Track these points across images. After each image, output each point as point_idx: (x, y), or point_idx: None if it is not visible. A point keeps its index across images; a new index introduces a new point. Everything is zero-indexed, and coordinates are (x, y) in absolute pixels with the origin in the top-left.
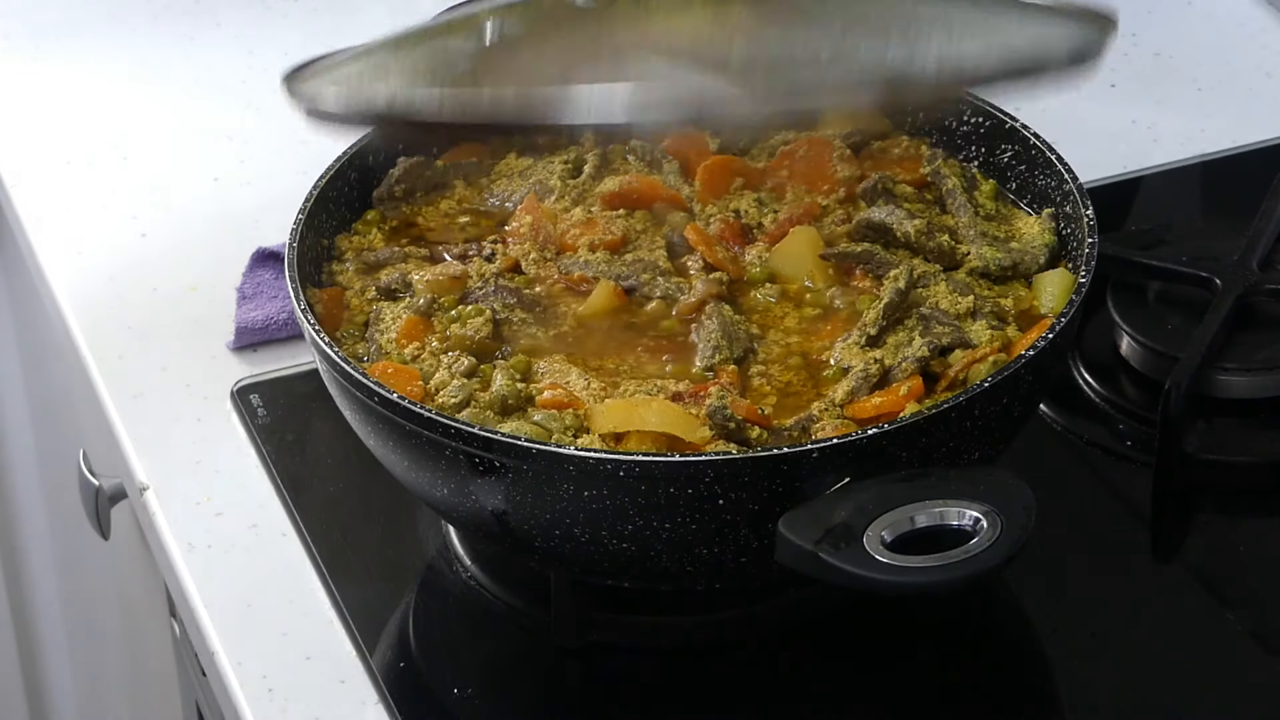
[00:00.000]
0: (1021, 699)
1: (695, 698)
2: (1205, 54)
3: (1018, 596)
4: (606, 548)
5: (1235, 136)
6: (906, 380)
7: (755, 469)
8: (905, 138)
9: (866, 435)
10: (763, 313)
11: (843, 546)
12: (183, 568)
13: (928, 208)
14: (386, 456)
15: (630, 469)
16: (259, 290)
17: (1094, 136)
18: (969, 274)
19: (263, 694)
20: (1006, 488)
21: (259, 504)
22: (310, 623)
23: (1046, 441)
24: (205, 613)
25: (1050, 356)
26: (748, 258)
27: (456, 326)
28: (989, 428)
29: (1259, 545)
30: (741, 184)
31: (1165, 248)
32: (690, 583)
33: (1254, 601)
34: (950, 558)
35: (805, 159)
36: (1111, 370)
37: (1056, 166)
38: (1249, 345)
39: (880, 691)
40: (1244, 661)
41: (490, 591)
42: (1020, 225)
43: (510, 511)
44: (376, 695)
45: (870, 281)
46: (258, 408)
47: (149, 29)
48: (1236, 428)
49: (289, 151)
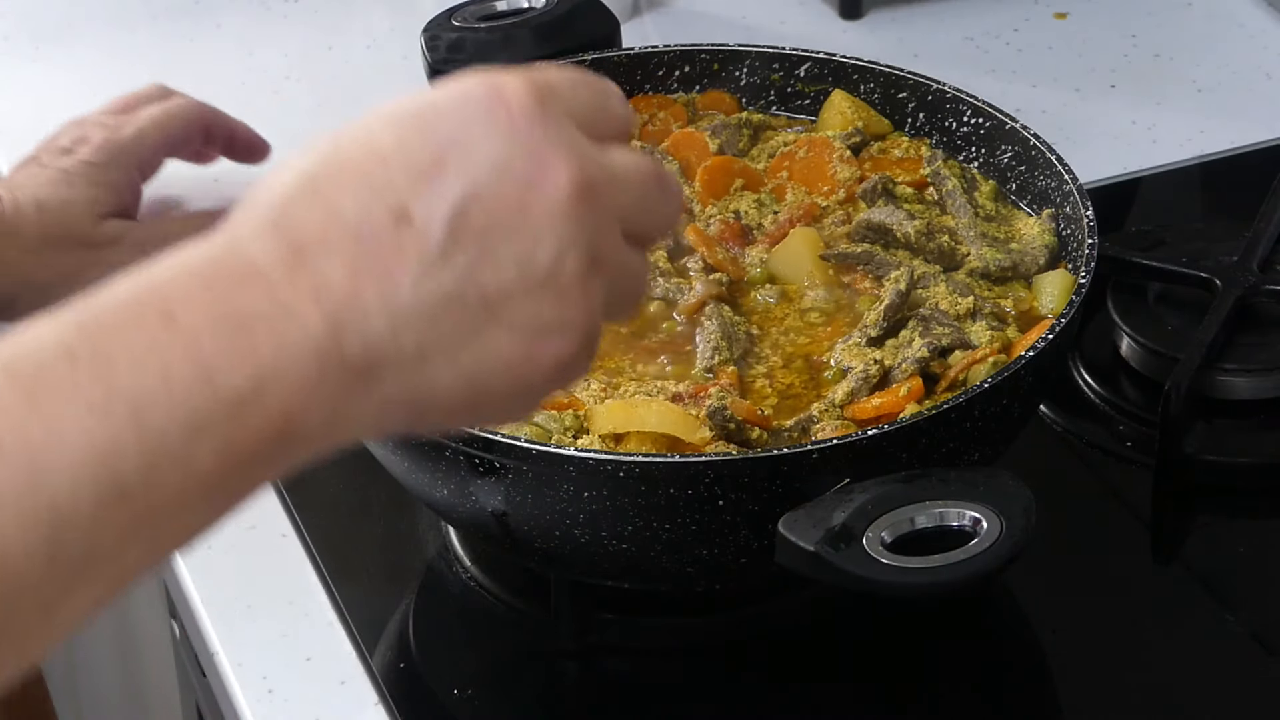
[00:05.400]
0: (1021, 699)
1: (695, 698)
2: (1205, 54)
3: (1018, 597)
4: (606, 549)
5: (1235, 136)
6: (906, 381)
7: (755, 470)
8: (905, 138)
9: (866, 436)
10: (762, 314)
11: (842, 547)
12: (183, 568)
13: (928, 208)
14: (386, 457)
15: (630, 470)
16: None
17: (1094, 137)
18: (969, 275)
19: (263, 695)
20: (1006, 489)
21: (259, 504)
22: (310, 623)
23: (1046, 442)
24: (205, 613)
25: (1050, 357)
26: (748, 259)
27: None
28: (989, 428)
29: (1259, 546)
30: (741, 185)
31: (1165, 248)
32: (690, 584)
33: (1254, 602)
34: (950, 559)
35: (805, 160)
36: (1111, 371)
37: (1056, 167)
38: (1249, 346)
39: (881, 692)
40: (1244, 661)
41: (490, 592)
42: (1020, 226)
43: (510, 512)
44: (376, 696)
45: (870, 282)
46: None
47: (149, 29)
48: (1236, 428)
49: (289, 152)
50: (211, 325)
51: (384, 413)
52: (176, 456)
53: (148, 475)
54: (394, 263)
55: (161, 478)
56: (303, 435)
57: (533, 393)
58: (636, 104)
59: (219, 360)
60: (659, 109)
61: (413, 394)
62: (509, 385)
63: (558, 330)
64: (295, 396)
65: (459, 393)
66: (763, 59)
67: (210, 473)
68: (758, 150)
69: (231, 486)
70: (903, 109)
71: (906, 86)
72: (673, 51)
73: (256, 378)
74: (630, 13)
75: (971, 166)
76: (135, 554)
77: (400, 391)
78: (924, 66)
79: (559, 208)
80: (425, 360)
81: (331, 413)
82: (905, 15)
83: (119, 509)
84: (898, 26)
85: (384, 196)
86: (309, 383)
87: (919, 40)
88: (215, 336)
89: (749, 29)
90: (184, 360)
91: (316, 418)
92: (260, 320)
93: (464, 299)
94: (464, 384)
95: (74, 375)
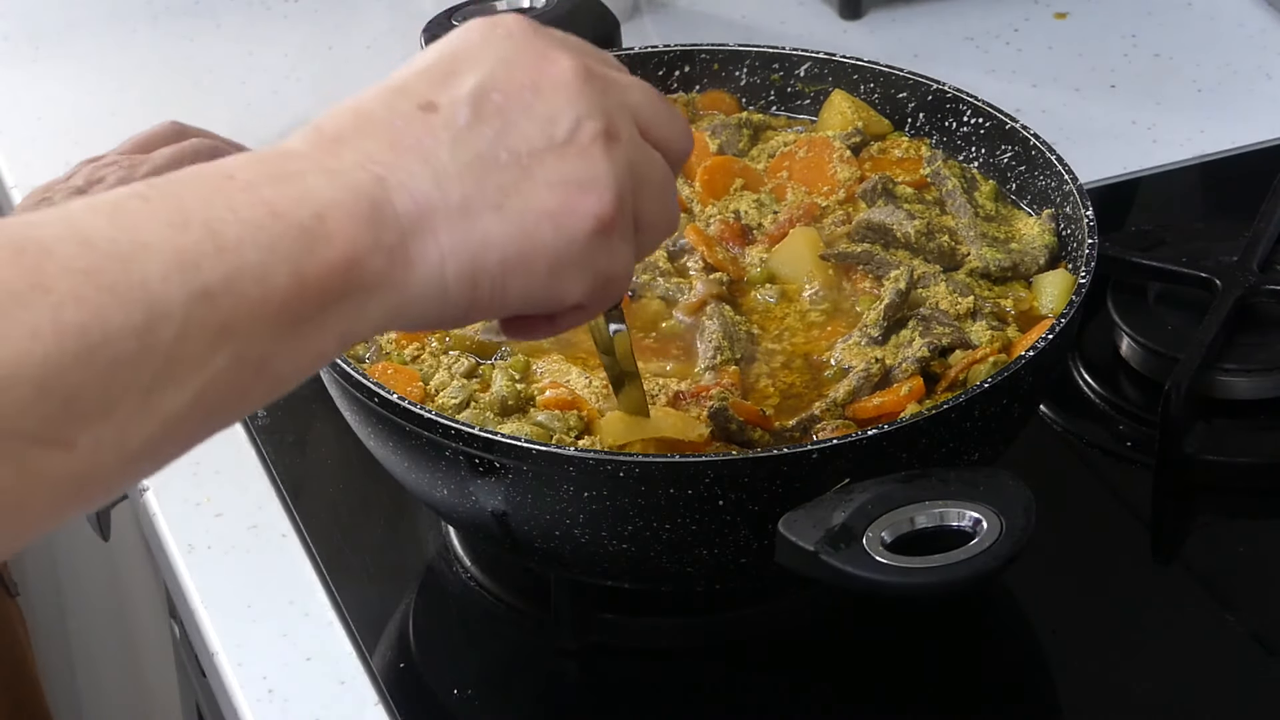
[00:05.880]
0: (1021, 699)
1: (695, 698)
2: (1205, 54)
3: (1018, 597)
4: (606, 549)
5: (1235, 137)
6: (907, 381)
7: (755, 470)
8: (905, 138)
9: (866, 436)
10: (763, 313)
11: (843, 547)
12: (183, 568)
13: (928, 208)
14: (386, 457)
15: (630, 470)
16: None
17: (1094, 137)
18: (969, 275)
19: (263, 695)
20: (1006, 489)
21: (259, 505)
22: (310, 623)
23: (1046, 442)
24: (205, 613)
25: (1050, 357)
26: (748, 259)
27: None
28: (989, 428)
29: (1259, 546)
30: (741, 185)
31: (1165, 248)
32: (690, 584)
33: (1254, 602)
34: (950, 559)
35: (805, 160)
36: (1111, 371)
37: (1056, 167)
38: (1249, 346)
39: (881, 692)
40: (1244, 662)
41: (490, 592)
42: (1020, 226)
43: (510, 512)
44: (376, 696)
45: (870, 282)
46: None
47: (149, 29)
48: (1236, 428)
49: None
50: (268, 180)
51: (443, 266)
52: (254, 271)
53: (230, 284)
54: (428, 138)
55: (243, 289)
56: (370, 281)
57: (580, 248)
58: None
59: (279, 200)
60: None
61: (466, 244)
62: (555, 236)
63: (590, 184)
64: (356, 236)
65: (511, 242)
66: (763, 59)
67: (287, 296)
68: (758, 150)
69: (308, 320)
70: (903, 109)
71: (906, 86)
72: (673, 51)
73: (316, 214)
74: (630, 13)
75: (971, 166)
76: (221, 365)
77: (454, 242)
78: (924, 66)
79: (568, 85)
80: (472, 213)
81: (392, 260)
82: (905, 15)
83: (206, 309)
84: (898, 26)
85: (408, 97)
86: (367, 223)
87: (919, 40)
88: (273, 186)
89: (749, 29)
90: (246, 200)
91: (379, 262)
92: (312, 176)
93: (497, 159)
94: (514, 233)
95: (149, 207)
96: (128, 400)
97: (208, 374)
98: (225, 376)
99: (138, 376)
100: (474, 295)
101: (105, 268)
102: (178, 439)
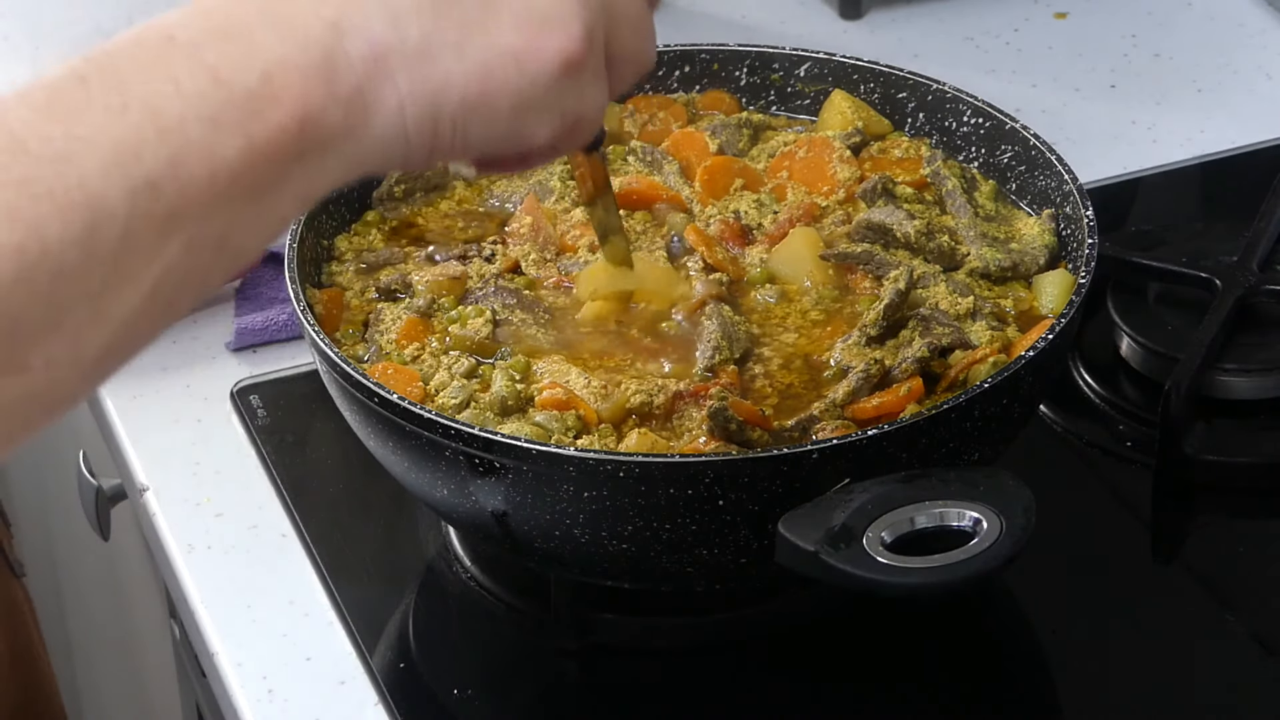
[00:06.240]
0: (1021, 699)
1: (695, 698)
2: (1205, 54)
3: (1018, 597)
4: (606, 549)
5: (1235, 137)
6: (907, 381)
7: (755, 470)
8: (905, 138)
9: (866, 436)
10: (763, 313)
11: (843, 547)
12: (183, 568)
13: (928, 208)
14: (386, 457)
15: (630, 470)
16: (259, 291)
17: (1094, 137)
18: (969, 275)
19: (263, 695)
20: (1006, 489)
21: (259, 505)
22: (310, 623)
23: (1046, 442)
24: (205, 613)
25: (1050, 357)
26: (748, 259)
27: (456, 327)
28: (989, 428)
29: (1259, 546)
30: (741, 185)
31: (1165, 248)
32: (690, 584)
33: (1254, 602)
34: (950, 559)
35: (805, 160)
36: (1111, 371)
37: (1056, 167)
38: (1249, 346)
39: (881, 692)
40: (1244, 662)
41: (490, 592)
42: (1020, 226)
43: (510, 512)
44: (376, 696)
45: (870, 282)
46: (257, 409)
47: None
48: (1236, 429)
49: None
50: (210, 37)
51: (403, 111)
52: (199, 150)
53: (174, 169)
54: None
55: (189, 172)
56: (325, 136)
57: (543, 89)
58: (636, 104)
59: (223, 63)
60: (659, 109)
61: (425, 86)
62: (518, 76)
63: (557, 21)
64: (308, 91)
65: (472, 82)
66: (763, 59)
67: (237, 169)
68: (758, 150)
69: (263, 189)
70: (903, 109)
71: (906, 86)
72: (673, 51)
73: (263, 74)
74: None
75: (971, 166)
76: (174, 253)
77: (412, 85)
78: (924, 66)
79: None
80: (431, 54)
81: (348, 111)
82: (905, 15)
83: (151, 200)
84: (898, 26)
85: None
86: (319, 76)
87: (919, 40)
88: (216, 44)
89: (749, 29)
90: (189, 67)
91: (334, 116)
92: (259, 29)
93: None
94: (475, 72)
95: (86, 91)
96: (77, 311)
97: (160, 266)
98: (181, 263)
99: (85, 285)
100: (435, 139)
101: (39, 175)
102: (138, 335)
